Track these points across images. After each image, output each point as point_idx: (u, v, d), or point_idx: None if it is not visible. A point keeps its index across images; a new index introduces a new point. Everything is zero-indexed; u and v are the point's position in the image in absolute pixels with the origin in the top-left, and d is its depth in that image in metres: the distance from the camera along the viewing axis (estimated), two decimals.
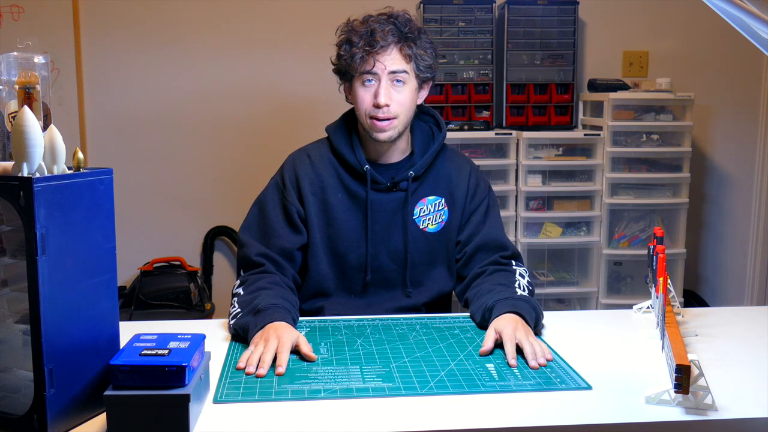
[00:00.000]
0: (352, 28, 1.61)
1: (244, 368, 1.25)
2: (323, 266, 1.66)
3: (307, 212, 1.65)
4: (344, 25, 1.64)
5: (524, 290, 1.54)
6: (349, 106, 1.71)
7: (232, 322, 1.45)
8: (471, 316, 1.56)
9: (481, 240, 1.67)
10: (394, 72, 1.58)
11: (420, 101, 1.68)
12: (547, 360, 1.29)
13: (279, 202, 1.66)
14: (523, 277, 1.60)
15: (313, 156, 1.69)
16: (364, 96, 1.60)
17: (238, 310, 1.46)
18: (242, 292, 1.52)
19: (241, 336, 1.41)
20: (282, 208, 1.65)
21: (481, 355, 1.32)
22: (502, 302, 1.45)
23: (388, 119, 1.59)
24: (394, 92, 1.59)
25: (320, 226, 1.65)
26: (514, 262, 1.65)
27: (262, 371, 1.23)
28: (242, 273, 1.60)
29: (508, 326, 1.36)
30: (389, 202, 1.66)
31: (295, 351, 1.31)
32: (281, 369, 1.23)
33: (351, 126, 1.70)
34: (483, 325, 1.47)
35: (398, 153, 1.69)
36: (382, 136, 1.61)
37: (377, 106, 1.58)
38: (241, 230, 1.67)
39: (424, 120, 1.75)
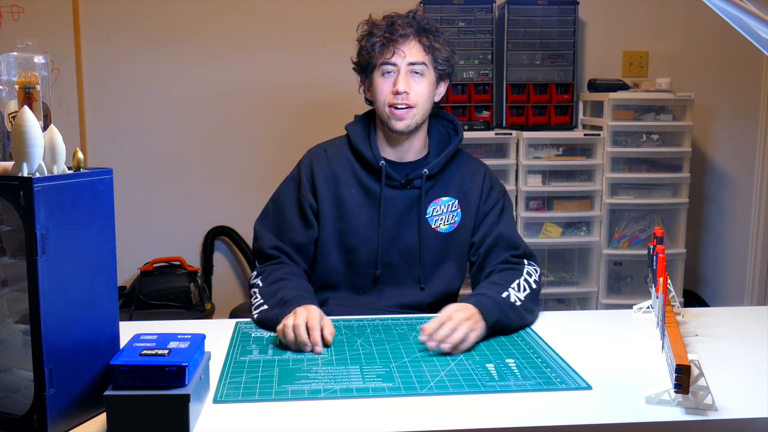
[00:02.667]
0: (373, 23, 1.67)
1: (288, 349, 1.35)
2: (333, 260, 1.68)
3: (320, 206, 1.68)
4: (365, 22, 1.69)
5: (523, 290, 1.53)
6: (362, 109, 1.75)
7: (256, 313, 1.51)
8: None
9: (494, 239, 1.67)
10: (413, 63, 1.62)
11: (438, 98, 1.72)
12: (461, 348, 1.32)
13: (294, 196, 1.70)
14: (531, 275, 1.59)
15: (329, 151, 1.73)
16: (383, 86, 1.64)
17: (262, 301, 1.52)
18: (261, 284, 1.57)
19: (265, 328, 1.48)
20: (297, 202, 1.69)
21: (421, 330, 1.34)
22: (474, 297, 1.47)
23: (407, 106, 1.62)
24: (413, 82, 1.63)
25: (332, 220, 1.68)
26: (526, 261, 1.64)
27: (307, 348, 1.33)
28: (258, 264, 1.66)
29: (453, 307, 1.39)
30: (402, 199, 1.68)
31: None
32: (319, 348, 1.33)
33: (369, 124, 1.74)
34: None
35: (414, 152, 1.71)
36: (400, 124, 1.63)
37: (396, 93, 1.61)
38: (256, 222, 1.72)
39: (443, 125, 1.78)
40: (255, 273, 1.62)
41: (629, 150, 2.90)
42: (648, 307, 1.60)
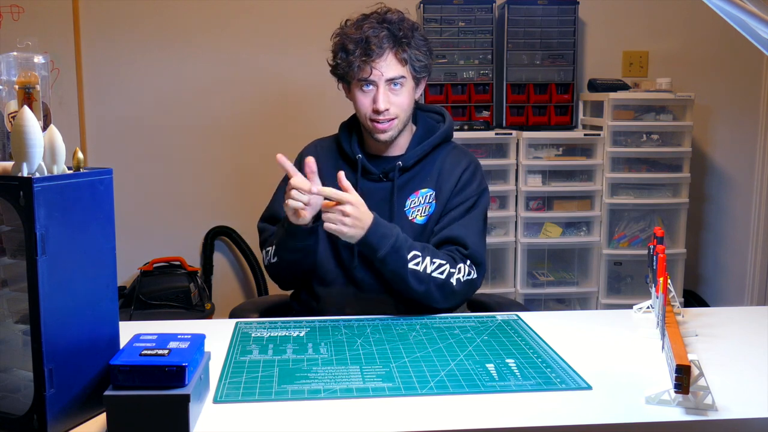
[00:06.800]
0: (346, 34, 1.64)
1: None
2: (323, 252, 1.71)
3: None
4: (338, 30, 1.68)
5: (437, 270, 1.56)
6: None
7: (274, 258, 1.67)
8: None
9: (447, 234, 1.65)
10: (391, 79, 1.63)
11: (417, 96, 1.73)
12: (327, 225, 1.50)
13: (284, 193, 1.71)
14: (459, 272, 1.59)
15: (319, 147, 1.81)
16: (363, 101, 1.66)
17: (272, 247, 1.68)
18: (267, 245, 1.72)
19: (285, 244, 1.63)
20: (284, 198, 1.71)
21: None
22: (388, 223, 1.57)
23: (388, 120, 1.65)
24: (392, 96, 1.65)
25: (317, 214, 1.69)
26: (468, 261, 1.62)
27: (304, 199, 1.52)
28: (263, 250, 1.75)
29: (359, 201, 1.51)
30: (379, 191, 1.70)
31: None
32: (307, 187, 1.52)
33: (357, 121, 1.76)
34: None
35: (398, 148, 1.74)
36: (384, 136, 1.68)
37: (377, 111, 1.64)
38: (258, 221, 1.81)
39: (434, 118, 1.80)
40: (264, 254, 1.73)
41: (629, 150, 2.90)
42: (648, 307, 1.60)
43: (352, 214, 1.51)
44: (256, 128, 3.15)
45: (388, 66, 1.62)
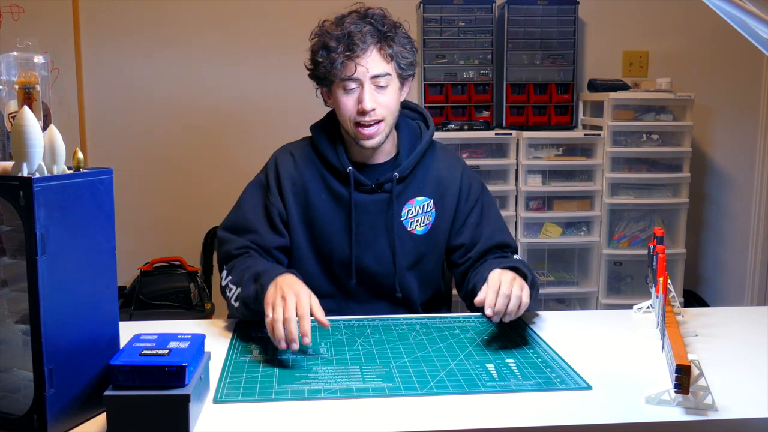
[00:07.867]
0: (327, 32, 1.54)
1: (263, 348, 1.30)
2: (311, 266, 1.63)
3: (289, 214, 1.61)
4: (317, 29, 1.58)
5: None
6: None
7: (236, 303, 1.43)
8: (474, 301, 1.42)
9: (485, 245, 1.64)
10: (376, 76, 1.53)
11: (403, 98, 1.64)
12: (522, 310, 1.36)
13: (261, 200, 1.63)
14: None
15: (296, 155, 1.66)
16: (347, 102, 1.54)
17: (236, 288, 1.44)
18: (232, 277, 1.48)
19: (249, 312, 1.40)
20: (263, 208, 1.62)
21: (476, 305, 1.33)
22: (502, 265, 1.47)
23: (375, 122, 1.54)
24: (378, 95, 1.54)
25: (303, 227, 1.62)
26: (515, 257, 1.65)
27: (295, 346, 1.24)
28: (225, 267, 1.56)
29: (498, 272, 1.38)
30: (373, 203, 1.62)
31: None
32: (308, 339, 1.24)
33: (335, 126, 1.65)
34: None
35: (384, 154, 1.65)
36: (369, 143, 1.56)
37: (362, 112, 1.53)
38: (219, 229, 1.64)
39: (412, 117, 1.72)
40: (224, 274, 1.52)
41: (629, 150, 2.90)
42: (648, 307, 1.60)
43: (516, 281, 1.37)
44: (257, 128, 3.15)
45: (373, 62, 1.51)
